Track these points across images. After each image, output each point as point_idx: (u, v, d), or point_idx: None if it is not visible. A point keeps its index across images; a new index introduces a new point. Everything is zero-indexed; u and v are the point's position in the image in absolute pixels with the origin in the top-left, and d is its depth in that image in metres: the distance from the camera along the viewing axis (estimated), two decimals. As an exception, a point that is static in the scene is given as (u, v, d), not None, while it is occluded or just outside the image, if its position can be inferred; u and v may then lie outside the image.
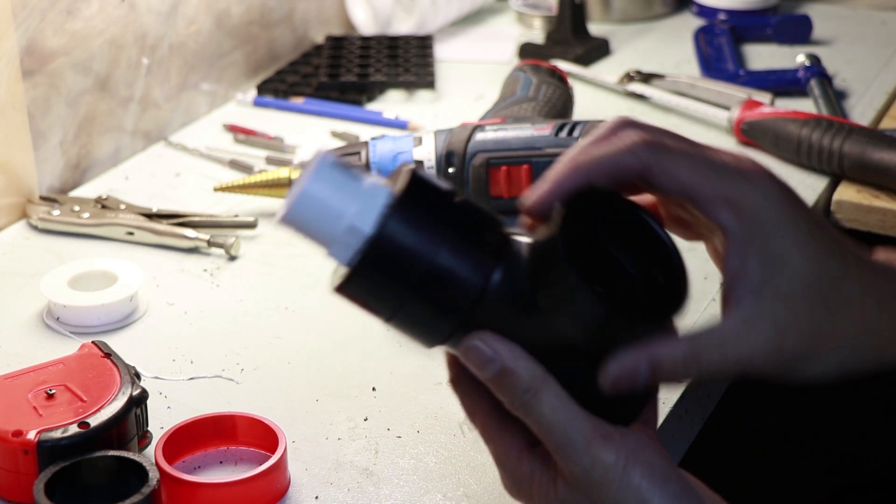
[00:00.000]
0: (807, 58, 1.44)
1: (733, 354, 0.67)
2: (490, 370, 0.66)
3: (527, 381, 0.65)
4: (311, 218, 0.66)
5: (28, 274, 1.10)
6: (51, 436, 0.81)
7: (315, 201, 0.66)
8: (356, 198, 0.65)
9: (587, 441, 0.65)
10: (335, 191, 0.66)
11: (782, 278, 0.67)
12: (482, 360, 0.66)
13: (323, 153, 0.66)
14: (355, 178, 0.66)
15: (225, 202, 1.22)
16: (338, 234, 0.66)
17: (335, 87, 1.45)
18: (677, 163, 0.67)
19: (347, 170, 0.66)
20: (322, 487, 0.84)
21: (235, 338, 1.01)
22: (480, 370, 0.66)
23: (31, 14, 1.17)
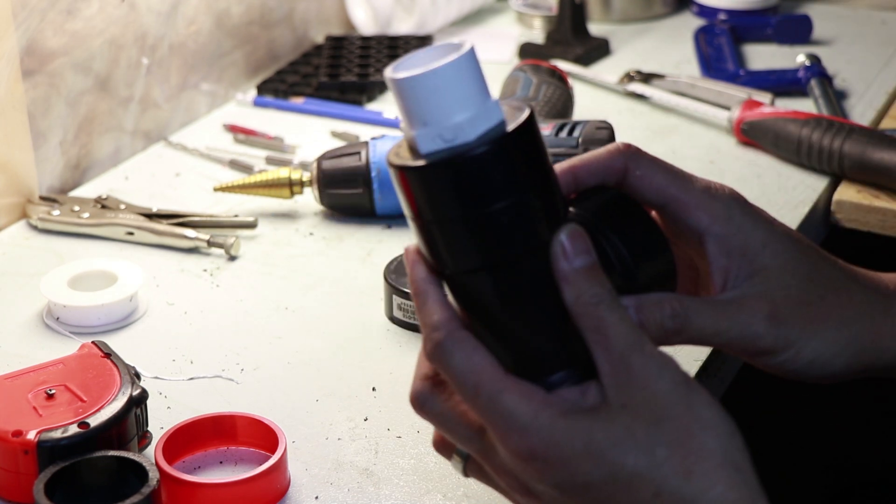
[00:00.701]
0: (807, 58, 1.44)
1: (726, 321, 0.69)
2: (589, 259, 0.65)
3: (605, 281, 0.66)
4: (426, 94, 0.63)
5: (28, 274, 1.10)
6: (51, 436, 0.81)
7: (443, 82, 0.63)
8: (476, 104, 0.63)
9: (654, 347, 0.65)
10: (465, 85, 0.63)
11: (768, 259, 0.70)
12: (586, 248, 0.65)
13: (470, 45, 0.64)
14: (483, 87, 0.64)
15: (225, 202, 1.22)
16: (440, 123, 0.63)
17: (335, 87, 1.45)
18: (655, 170, 0.72)
19: (481, 74, 0.65)
20: (322, 487, 0.84)
21: (235, 338, 1.01)
22: (581, 255, 0.65)
23: (31, 14, 1.17)
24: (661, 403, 0.63)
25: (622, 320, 0.65)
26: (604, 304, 0.65)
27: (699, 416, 0.63)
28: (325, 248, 1.15)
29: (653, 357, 0.64)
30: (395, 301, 1.02)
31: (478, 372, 0.65)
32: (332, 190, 1.17)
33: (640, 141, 1.33)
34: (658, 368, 0.64)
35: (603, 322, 0.64)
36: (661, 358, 0.64)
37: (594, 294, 0.65)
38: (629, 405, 0.63)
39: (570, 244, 0.65)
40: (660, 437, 0.63)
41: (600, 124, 1.15)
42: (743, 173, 1.26)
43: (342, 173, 1.17)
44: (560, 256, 0.65)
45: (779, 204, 1.20)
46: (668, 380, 0.64)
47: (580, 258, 0.65)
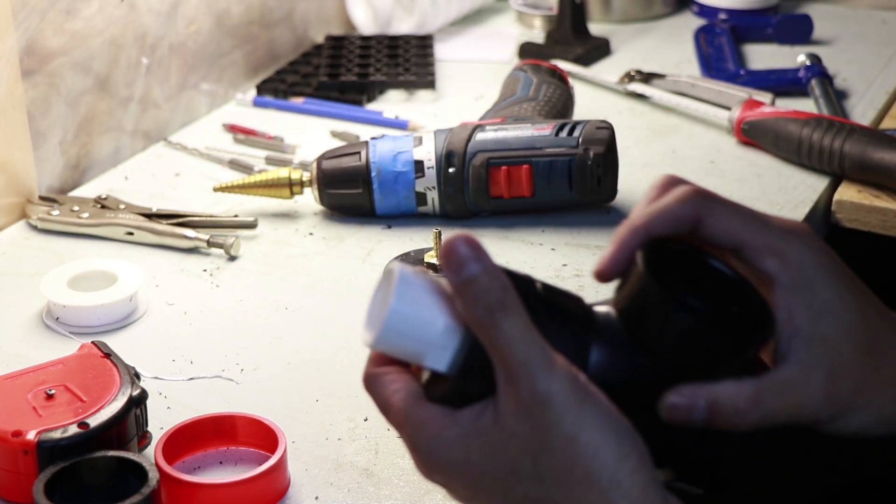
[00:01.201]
0: (807, 57, 1.44)
1: (793, 400, 0.68)
2: (474, 269, 0.64)
3: (503, 291, 0.64)
4: (402, 335, 0.66)
5: (28, 274, 1.10)
6: (50, 436, 0.80)
7: (404, 318, 0.65)
8: (443, 301, 0.66)
9: (552, 363, 0.64)
10: (422, 298, 0.66)
11: (829, 327, 0.69)
12: (462, 260, 0.64)
13: (397, 268, 0.66)
14: (435, 282, 0.66)
15: (225, 202, 1.22)
16: (436, 338, 0.66)
17: (335, 87, 1.45)
18: (728, 213, 0.70)
19: (424, 276, 0.67)
20: (322, 488, 0.84)
21: (235, 338, 1.01)
22: (463, 267, 0.64)
23: (31, 14, 1.17)
24: (548, 434, 0.64)
25: (519, 334, 0.64)
26: (497, 314, 0.64)
27: (588, 441, 0.63)
28: (325, 248, 1.15)
29: (546, 376, 0.63)
30: (396, 301, 1.01)
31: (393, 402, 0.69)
32: (331, 190, 1.17)
33: (640, 141, 1.33)
34: (548, 392, 0.63)
35: (497, 335, 0.64)
36: (552, 377, 0.63)
37: (487, 303, 0.64)
38: (517, 434, 0.64)
39: (448, 259, 0.65)
40: (547, 467, 0.64)
41: (600, 124, 1.15)
42: (743, 173, 1.26)
43: (342, 173, 1.17)
44: (447, 269, 0.65)
45: (779, 204, 1.20)
46: (557, 404, 0.63)
47: (464, 271, 0.64)
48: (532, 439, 0.64)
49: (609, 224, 1.16)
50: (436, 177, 1.15)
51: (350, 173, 1.17)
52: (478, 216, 1.17)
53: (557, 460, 0.64)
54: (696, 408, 0.67)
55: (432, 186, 1.15)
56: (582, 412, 0.63)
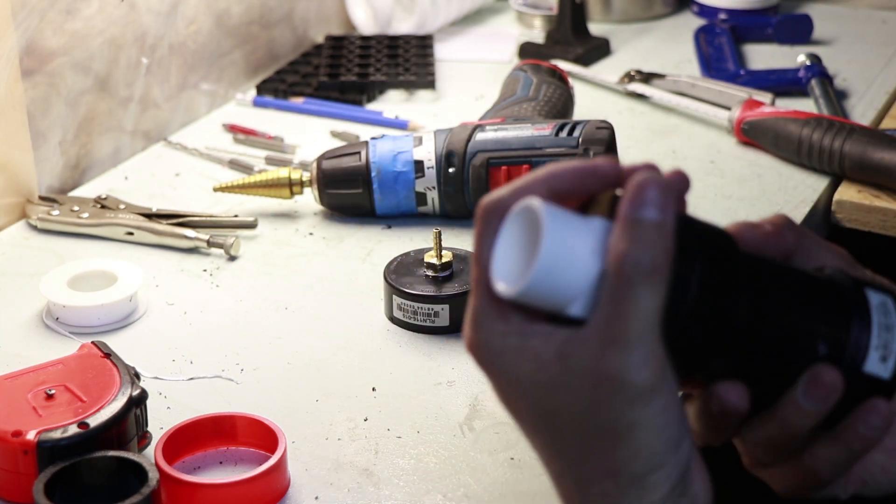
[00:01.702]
0: (807, 57, 1.44)
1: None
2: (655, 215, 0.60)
3: (663, 256, 0.60)
4: (554, 279, 0.60)
5: (27, 274, 1.10)
6: (50, 436, 0.80)
7: (559, 256, 0.59)
8: (593, 239, 0.60)
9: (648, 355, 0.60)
10: (575, 239, 0.60)
11: None
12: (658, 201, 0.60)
13: (541, 207, 0.60)
14: (578, 221, 0.61)
15: (225, 202, 1.22)
16: (588, 285, 0.60)
17: (335, 87, 1.45)
18: (819, 247, 0.69)
19: (567, 213, 0.61)
20: (322, 488, 0.84)
21: (235, 338, 1.01)
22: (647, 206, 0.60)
23: (31, 14, 1.17)
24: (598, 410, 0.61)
25: (645, 309, 0.60)
26: (640, 278, 0.59)
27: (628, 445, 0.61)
28: (325, 248, 1.15)
29: (636, 362, 0.60)
30: (395, 301, 1.02)
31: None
32: (331, 190, 1.17)
33: (640, 141, 1.33)
34: (622, 379, 0.60)
35: (626, 301, 0.60)
36: (642, 368, 0.60)
37: (645, 261, 0.59)
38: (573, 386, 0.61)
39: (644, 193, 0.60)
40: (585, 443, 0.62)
41: (600, 124, 1.15)
42: (743, 173, 1.26)
43: (342, 173, 1.17)
44: (632, 204, 0.60)
45: (779, 204, 1.20)
46: (624, 397, 0.60)
47: (650, 209, 0.60)
48: (586, 404, 0.61)
49: (609, 224, 1.16)
50: (436, 177, 1.15)
51: (350, 173, 1.17)
52: (478, 216, 1.17)
53: (593, 438, 0.61)
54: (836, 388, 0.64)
55: (432, 186, 1.15)
56: (645, 409, 0.60)
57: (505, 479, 0.85)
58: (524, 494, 0.84)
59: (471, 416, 0.91)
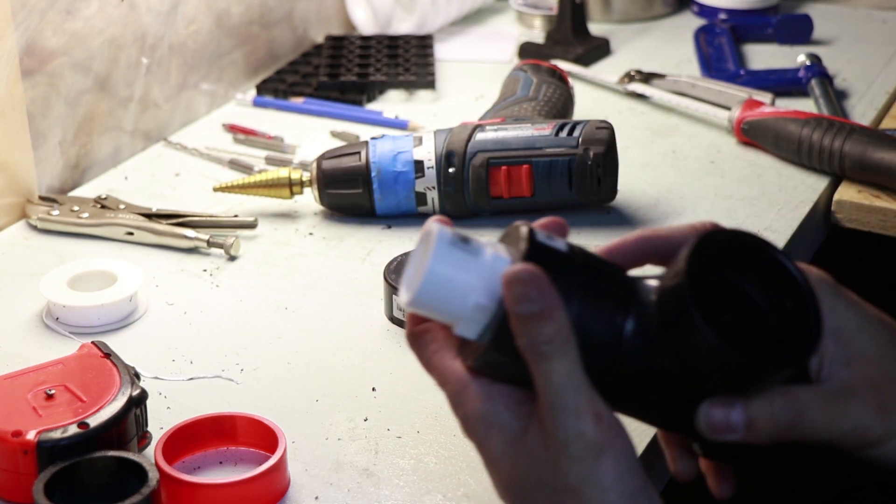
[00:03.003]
0: (807, 57, 1.44)
1: (838, 413, 0.68)
2: (532, 307, 0.65)
3: (555, 332, 0.65)
4: (437, 299, 0.66)
5: (27, 274, 1.10)
6: (50, 436, 0.80)
7: (440, 282, 0.66)
8: (479, 273, 0.66)
9: (581, 412, 0.65)
10: (458, 269, 0.66)
11: (865, 343, 0.69)
12: (528, 295, 0.65)
13: (437, 228, 0.66)
14: (474, 252, 0.66)
15: (224, 202, 1.22)
16: (465, 312, 0.67)
17: (335, 87, 1.45)
18: None
19: (465, 243, 0.66)
20: (322, 488, 0.84)
21: (235, 338, 1.01)
22: (521, 302, 0.65)
23: (31, 14, 1.17)
24: (557, 473, 0.66)
25: (561, 377, 0.65)
26: (546, 355, 0.65)
27: (591, 497, 0.65)
28: (325, 248, 1.15)
29: (572, 422, 0.65)
30: (395, 301, 1.02)
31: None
32: (331, 190, 1.17)
33: (640, 141, 1.33)
34: (565, 439, 0.65)
35: (541, 372, 0.66)
36: (576, 424, 0.65)
37: (538, 343, 0.65)
38: (534, 454, 0.67)
39: (511, 288, 0.65)
40: (547, 498, 0.66)
41: (600, 124, 1.15)
42: (743, 173, 1.26)
43: (342, 173, 1.17)
44: (508, 299, 0.65)
45: (779, 204, 1.20)
46: (572, 453, 0.65)
47: (526, 305, 0.65)
48: (544, 469, 0.66)
49: (609, 224, 1.16)
50: (436, 177, 1.15)
51: (350, 173, 1.17)
52: (478, 216, 1.17)
53: (555, 498, 0.66)
54: (734, 424, 0.66)
55: (432, 186, 1.15)
56: (594, 467, 0.65)
57: (505, 479, 0.85)
58: (524, 494, 0.84)
59: (471, 416, 0.91)
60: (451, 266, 0.66)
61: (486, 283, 0.66)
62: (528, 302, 0.65)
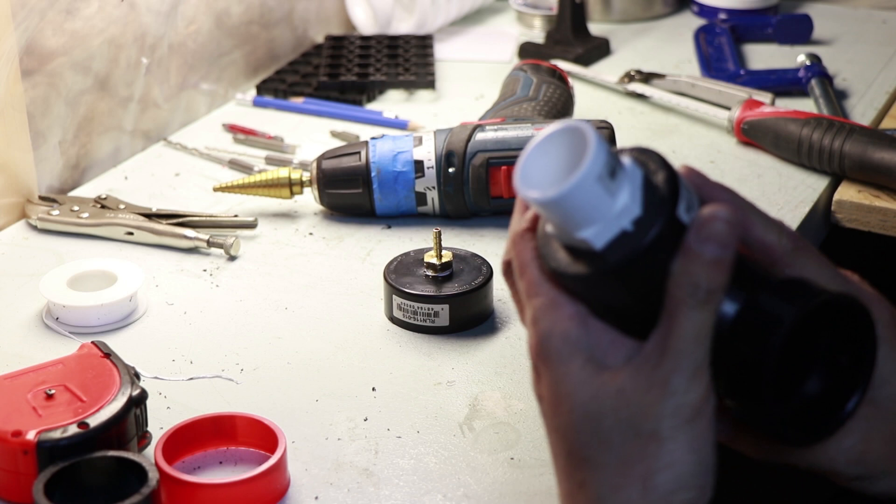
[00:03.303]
0: (807, 57, 1.44)
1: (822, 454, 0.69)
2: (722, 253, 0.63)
3: (723, 284, 0.64)
4: (582, 200, 0.63)
5: (27, 274, 1.10)
6: (50, 436, 0.80)
7: (591, 184, 0.63)
8: (626, 182, 0.64)
9: (701, 371, 0.64)
10: (610, 175, 0.63)
11: (883, 398, 0.69)
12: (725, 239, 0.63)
13: (590, 132, 0.63)
14: (620, 162, 0.65)
15: (224, 202, 1.22)
16: (607, 217, 0.64)
17: (335, 87, 1.45)
18: (815, 262, 0.69)
19: (610, 151, 0.64)
20: (322, 488, 0.84)
21: (235, 338, 1.01)
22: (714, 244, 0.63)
23: (31, 14, 1.17)
24: (646, 416, 0.64)
25: (698, 331, 0.63)
26: (697, 302, 0.63)
27: (667, 451, 0.64)
28: (325, 248, 1.15)
29: (685, 379, 0.63)
30: (395, 301, 1.02)
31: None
32: (331, 190, 1.17)
33: (640, 141, 1.33)
34: (674, 390, 0.63)
35: (682, 319, 0.63)
36: (691, 385, 0.63)
37: (704, 288, 0.63)
38: (625, 391, 0.64)
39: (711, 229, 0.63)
40: (621, 438, 0.64)
41: (600, 124, 1.15)
42: (743, 173, 1.26)
43: (342, 173, 1.17)
44: (696, 230, 0.64)
45: (779, 204, 1.20)
46: (672, 404, 0.63)
47: (710, 246, 0.63)
48: (633, 410, 0.64)
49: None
50: (436, 177, 1.15)
51: (350, 173, 1.17)
52: (478, 216, 1.18)
53: (633, 442, 0.64)
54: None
55: (432, 186, 1.15)
56: (685, 426, 0.64)
57: (504, 479, 0.85)
58: (524, 494, 0.84)
59: (470, 416, 0.91)
60: (602, 168, 0.63)
61: (632, 192, 0.64)
62: (722, 247, 0.63)
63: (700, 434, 0.64)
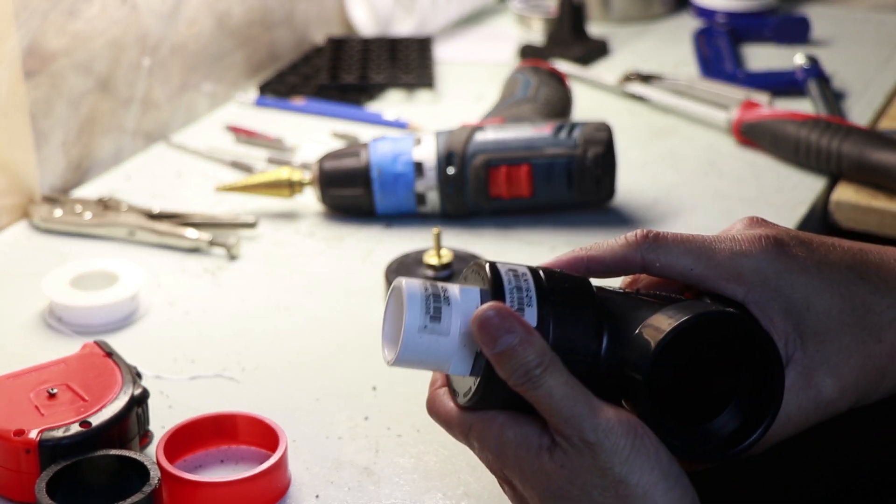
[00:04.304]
0: (805, 59, 1.45)
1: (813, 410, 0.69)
2: (504, 343, 0.66)
3: (539, 356, 0.66)
4: (420, 354, 0.68)
5: (30, 274, 1.10)
6: (52, 435, 0.81)
7: (419, 341, 0.68)
8: (455, 314, 0.68)
9: (597, 408, 0.66)
10: (432, 318, 0.68)
11: (814, 322, 0.69)
12: (496, 333, 0.66)
13: (403, 285, 0.68)
14: (444, 296, 0.68)
15: (226, 202, 1.22)
16: (452, 353, 0.68)
17: (336, 88, 1.45)
18: (675, 255, 0.71)
19: (433, 290, 0.68)
20: (322, 486, 0.85)
21: (236, 337, 1.02)
22: (494, 341, 0.66)
23: (33, 15, 1.17)
24: (600, 474, 0.66)
25: (562, 391, 0.66)
26: (537, 379, 0.66)
27: (637, 483, 0.65)
28: (326, 248, 1.15)
29: (593, 425, 0.66)
30: (395, 301, 1.02)
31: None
32: (332, 190, 1.18)
33: (638, 142, 1.34)
34: (597, 441, 0.65)
35: (541, 396, 0.66)
36: (598, 426, 0.66)
37: (526, 371, 0.66)
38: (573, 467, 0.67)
39: (484, 331, 0.66)
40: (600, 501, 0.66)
41: (599, 125, 1.16)
42: (742, 174, 1.27)
43: (343, 174, 1.17)
44: (482, 345, 0.66)
45: (777, 204, 1.20)
46: (607, 450, 0.65)
47: (500, 342, 0.66)
48: (587, 475, 0.66)
49: (608, 224, 1.17)
50: (436, 177, 1.16)
51: (350, 174, 1.17)
52: (478, 216, 1.18)
53: (610, 497, 0.66)
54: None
55: (432, 187, 1.16)
56: (631, 456, 0.66)
57: (504, 478, 0.85)
58: (523, 493, 0.84)
59: (470, 416, 0.91)
60: (428, 315, 0.67)
61: (463, 319, 0.67)
62: (505, 334, 0.66)
63: (652, 451, 0.66)
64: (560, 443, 0.67)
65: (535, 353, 0.66)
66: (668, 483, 0.66)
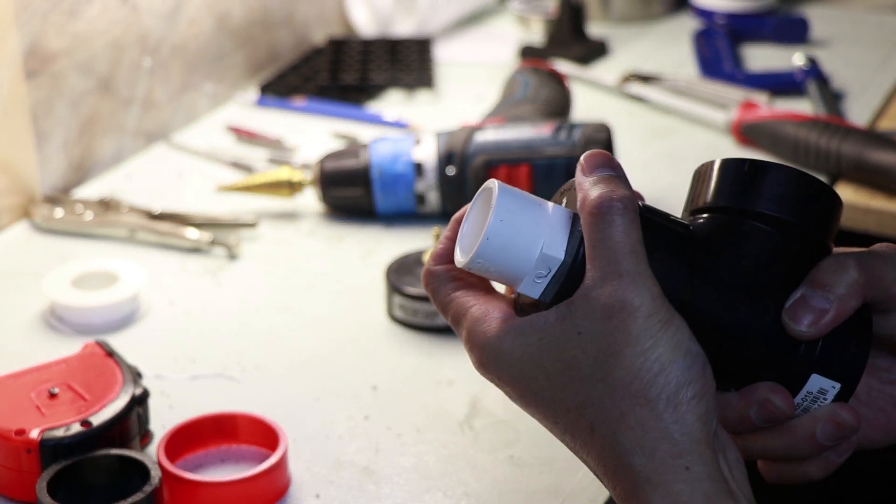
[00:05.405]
0: (804, 59, 1.45)
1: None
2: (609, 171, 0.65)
3: (629, 195, 0.64)
4: (501, 252, 0.64)
5: (31, 274, 1.11)
6: (53, 434, 0.81)
7: (506, 233, 0.63)
8: (545, 223, 0.64)
9: (648, 276, 0.63)
10: (523, 218, 0.64)
11: None
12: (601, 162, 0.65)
13: (497, 184, 0.64)
14: (538, 203, 0.65)
15: (227, 202, 1.22)
16: (531, 266, 0.64)
17: (336, 89, 1.46)
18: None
19: (526, 196, 0.65)
20: (323, 486, 0.85)
21: (237, 337, 1.02)
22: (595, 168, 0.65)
23: (34, 15, 1.18)
24: (622, 341, 0.62)
25: (630, 239, 0.63)
26: (618, 213, 0.63)
27: (657, 358, 0.62)
28: (326, 247, 1.15)
29: (641, 287, 0.62)
30: (395, 300, 1.02)
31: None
32: (332, 190, 1.18)
33: (638, 142, 1.34)
34: (638, 303, 0.62)
35: (610, 233, 0.63)
36: (646, 291, 0.62)
37: (612, 199, 0.63)
38: (585, 333, 0.63)
39: (587, 161, 0.65)
40: (607, 372, 0.62)
41: (599, 125, 1.16)
42: (741, 174, 1.27)
43: (343, 174, 1.18)
44: (579, 171, 0.65)
45: (776, 205, 1.20)
46: (641, 316, 0.62)
47: (596, 172, 0.64)
48: (600, 341, 0.62)
49: (607, 225, 1.17)
50: (436, 178, 1.16)
51: (351, 174, 1.17)
52: (477, 217, 1.18)
53: (621, 368, 0.62)
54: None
55: (432, 187, 1.16)
56: (662, 331, 0.62)
57: (504, 478, 0.86)
58: (523, 492, 0.84)
59: (471, 415, 0.92)
60: (517, 215, 0.63)
61: (552, 233, 0.64)
62: (607, 166, 0.64)
63: (674, 335, 0.62)
64: (581, 301, 0.63)
65: (629, 192, 0.64)
66: (688, 363, 0.62)
